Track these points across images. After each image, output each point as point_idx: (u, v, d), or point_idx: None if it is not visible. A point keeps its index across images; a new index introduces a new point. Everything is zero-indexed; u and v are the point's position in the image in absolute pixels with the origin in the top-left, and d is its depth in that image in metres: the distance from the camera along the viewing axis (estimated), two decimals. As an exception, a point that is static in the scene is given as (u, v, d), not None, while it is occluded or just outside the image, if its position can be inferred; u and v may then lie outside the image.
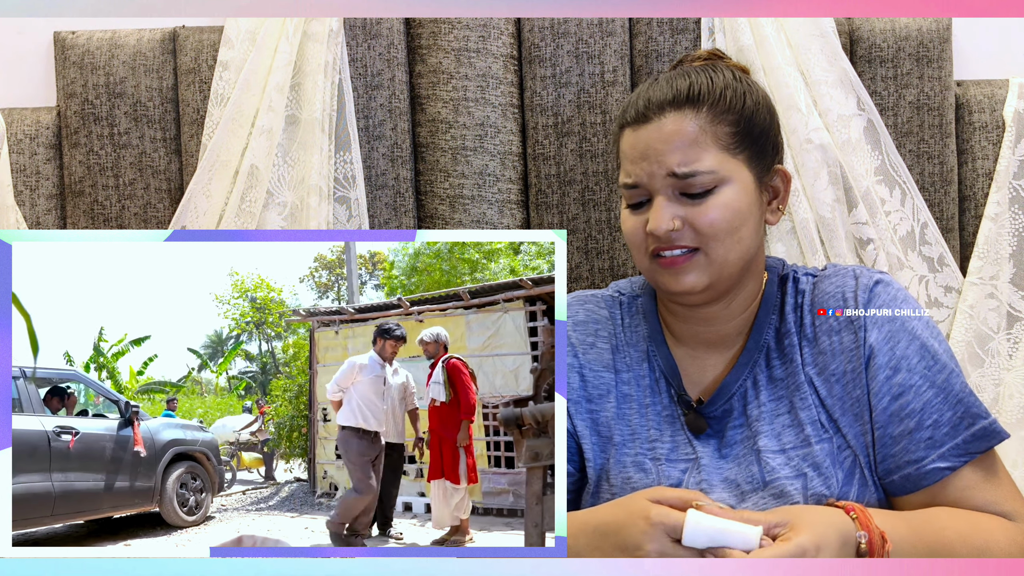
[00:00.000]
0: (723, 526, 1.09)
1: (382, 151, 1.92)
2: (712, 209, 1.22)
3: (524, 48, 1.92)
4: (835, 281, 1.30)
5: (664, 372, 1.34)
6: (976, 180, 1.90)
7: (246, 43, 1.86)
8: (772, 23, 1.83)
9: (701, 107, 1.24)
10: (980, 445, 1.22)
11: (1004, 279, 1.86)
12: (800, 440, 1.26)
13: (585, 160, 1.91)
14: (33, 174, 1.95)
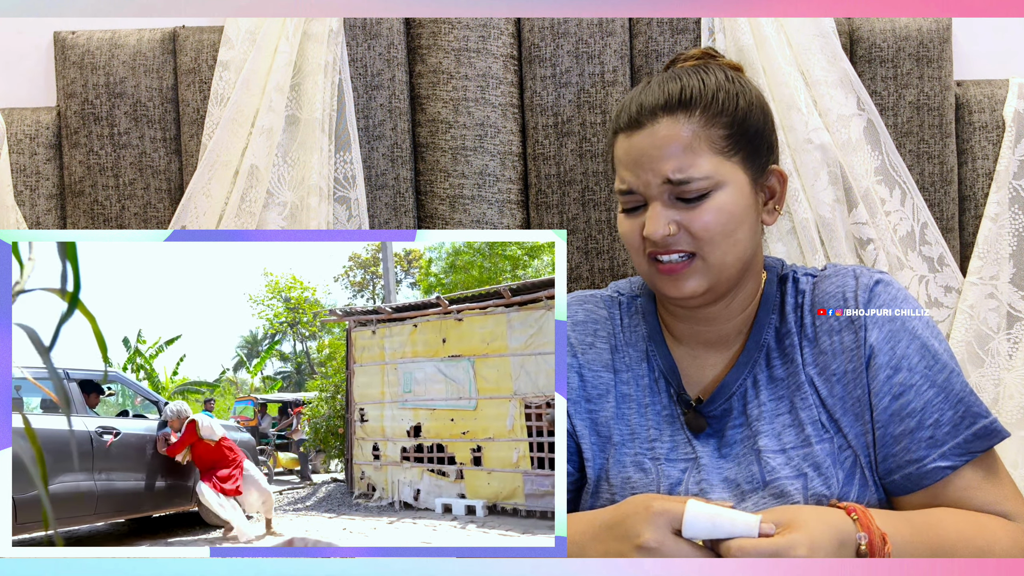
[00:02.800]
0: (722, 514, 1.09)
1: (382, 151, 1.92)
2: (707, 213, 1.22)
3: (524, 48, 1.92)
4: (835, 281, 1.30)
5: (663, 372, 1.34)
6: (976, 180, 1.90)
7: (246, 43, 1.86)
8: (772, 23, 1.83)
9: (694, 111, 1.23)
10: (981, 444, 1.22)
11: (1004, 279, 1.86)
12: (800, 440, 1.26)
13: (585, 160, 1.91)
14: (33, 174, 1.95)
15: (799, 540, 1.07)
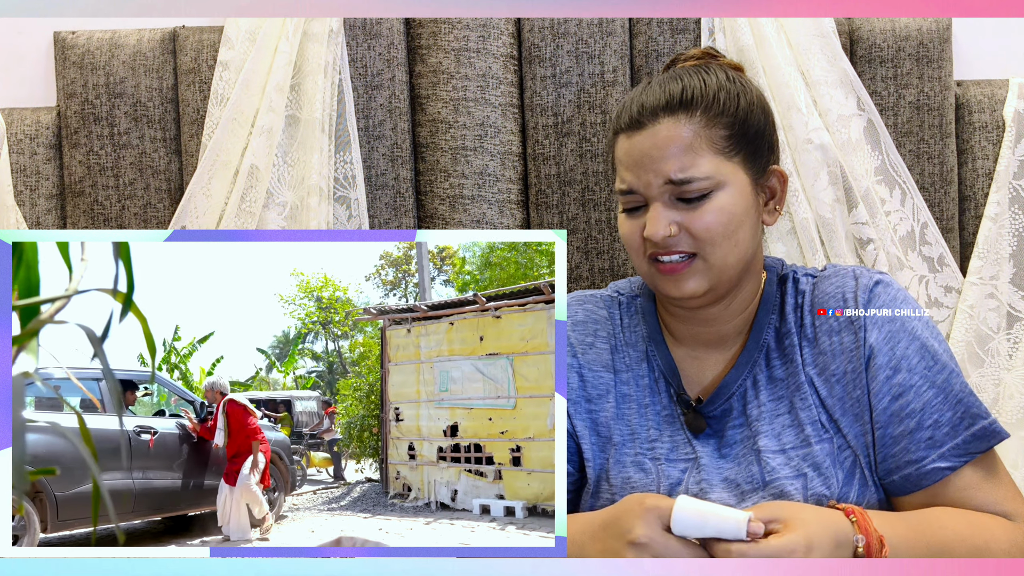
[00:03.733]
0: (710, 511, 1.09)
1: (382, 151, 1.92)
2: (708, 214, 1.22)
3: (524, 48, 1.92)
4: (835, 281, 1.30)
5: (663, 372, 1.34)
6: (976, 180, 1.90)
7: (246, 43, 1.86)
8: (772, 23, 1.83)
9: (695, 111, 1.23)
10: (980, 445, 1.22)
11: (1004, 279, 1.86)
12: (800, 440, 1.26)
13: (585, 160, 1.91)
14: (33, 174, 1.95)
15: (797, 542, 1.07)
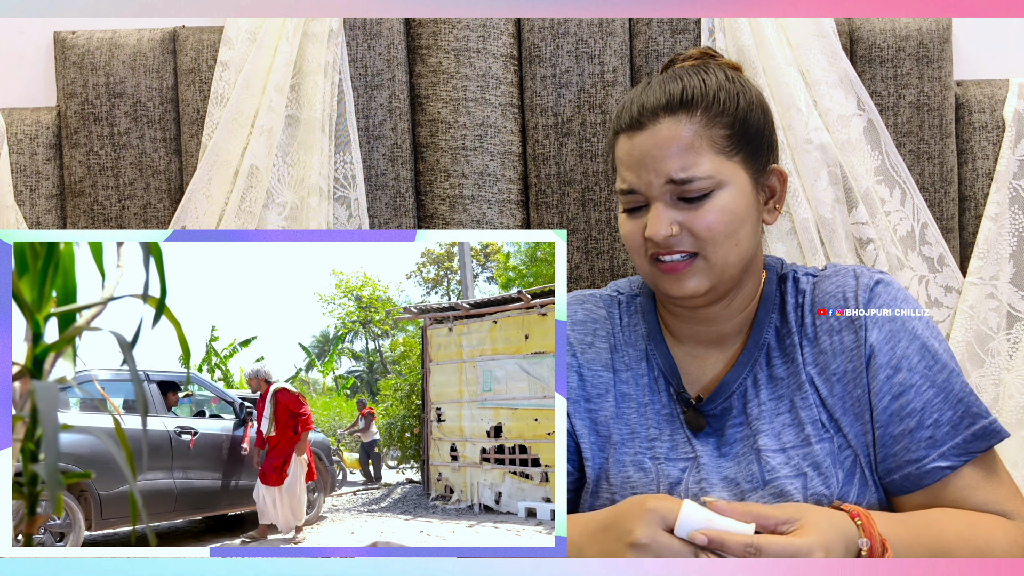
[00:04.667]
0: (717, 519, 1.09)
1: (382, 151, 1.92)
2: (709, 213, 1.22)
3: (524, 48, 1.92)
4: (835, 281, 1.30)
5: (663, 371, 1.34)
6: (976, 180, 1.90)
7: (246, 43, 1.86)
8: (772, 23, 1.83)
9: (695, 111, 1.23)
10: (980, 444, 1.22)
11: (1004, 279, 1.86)
12: (800, 439, 1.26)
13: (585, 160, 1.91)
14: (33, 174, 1.95)
15: (816, 543, 1.07)
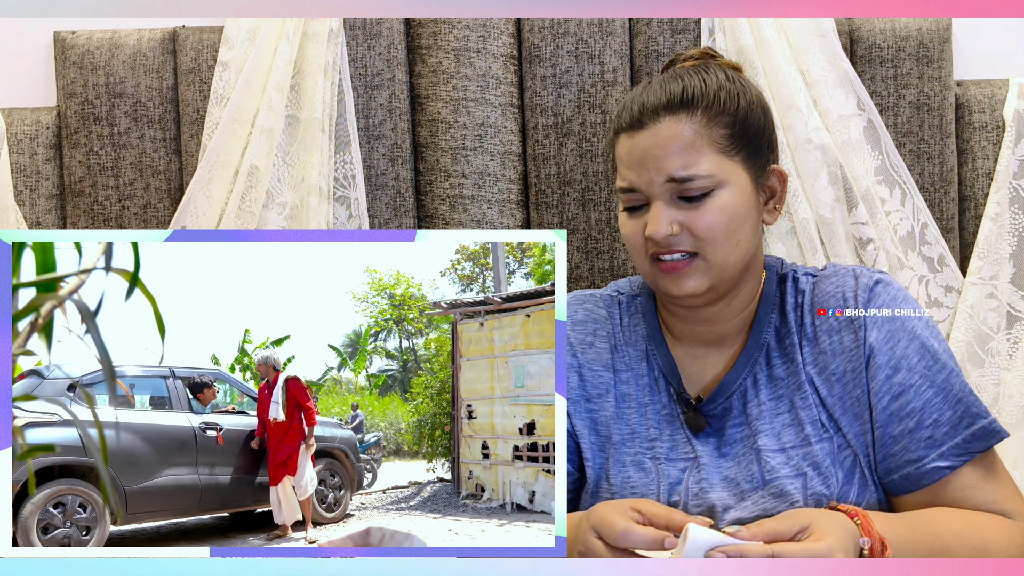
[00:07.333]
0: (724, 538, 1.07)
1: (382, 151, 1.92)
2: (709, 213, 1.22)
3: (524, 48, 1.92)
4: (835, 281, 1.30)
5: (663, 371, 1.34)
6: (976, 180, 1.90)
7: (246, 43, 1.86)
8: (772, 23, 1.83)
9: (696, 110, 1.24)
10: (980, 444, 1.22)
11: (1004, 279, 1.86)
12: (800, 439, 1.26)
13: (585, 160, 1.91)
14: (33, 174, 1.95)
15: (836, 545, 1.07)
